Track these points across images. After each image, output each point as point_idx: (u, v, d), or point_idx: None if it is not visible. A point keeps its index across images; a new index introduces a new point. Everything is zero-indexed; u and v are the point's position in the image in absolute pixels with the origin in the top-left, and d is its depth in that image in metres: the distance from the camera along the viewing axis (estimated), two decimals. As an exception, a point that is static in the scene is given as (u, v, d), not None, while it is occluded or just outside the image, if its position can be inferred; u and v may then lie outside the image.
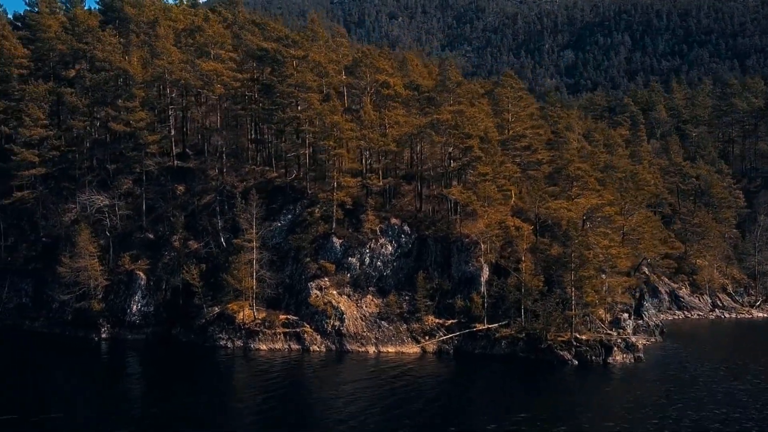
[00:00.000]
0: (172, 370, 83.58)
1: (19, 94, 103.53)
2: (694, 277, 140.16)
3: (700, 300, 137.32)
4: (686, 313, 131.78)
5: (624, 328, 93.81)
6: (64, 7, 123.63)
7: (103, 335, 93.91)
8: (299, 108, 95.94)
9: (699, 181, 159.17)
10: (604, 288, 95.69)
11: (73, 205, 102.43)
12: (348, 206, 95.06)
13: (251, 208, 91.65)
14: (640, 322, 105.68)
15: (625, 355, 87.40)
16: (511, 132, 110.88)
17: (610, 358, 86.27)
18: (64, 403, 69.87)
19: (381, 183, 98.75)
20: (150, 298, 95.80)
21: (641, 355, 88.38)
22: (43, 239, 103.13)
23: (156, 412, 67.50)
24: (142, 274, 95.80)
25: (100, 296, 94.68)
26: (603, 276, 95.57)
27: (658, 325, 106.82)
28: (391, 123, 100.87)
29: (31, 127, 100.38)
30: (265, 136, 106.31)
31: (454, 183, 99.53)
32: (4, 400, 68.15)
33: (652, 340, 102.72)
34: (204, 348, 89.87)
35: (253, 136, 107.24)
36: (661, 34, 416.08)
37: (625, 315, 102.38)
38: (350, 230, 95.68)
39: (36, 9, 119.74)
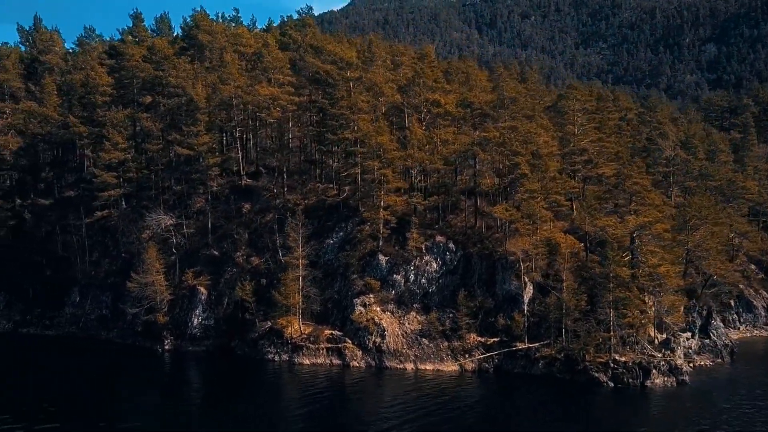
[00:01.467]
0: (219, 383, 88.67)
1: (102, 119, 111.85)
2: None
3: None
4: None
5: (673, 350, 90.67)
6: (152, 36, 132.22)
7: (167, 346, 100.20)
8: (349, 129, 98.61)
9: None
10: (659, 308, 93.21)
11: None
12: (392, 224, 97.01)
13: (298, 227, 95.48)
14: (707, 341, 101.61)
15: (666, 379, 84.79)
16: (574, 145, 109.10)
17: (648, 381, 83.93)
18: (120, 412, 75.72)
19: (427, 201, 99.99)
20: (210, 312, 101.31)
21: (686, 378, 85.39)
22: (123, 255, 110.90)
23: (197, 423, 72.77)
24: (203, 289, 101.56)
25: (165, 310, 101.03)
26: (659, 294, 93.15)
27: (727, 345, 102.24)
28: (442, 141, 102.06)
29: (110, 151, 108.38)
30: (324, 156, 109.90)
31: (505, 200, 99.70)
32: (77, 408, 75.65)
33: (719, 361, 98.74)
34: (255, 361, 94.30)
35: (314, 156, 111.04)
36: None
37: (687, 335, 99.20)
38: (396, 248, 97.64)
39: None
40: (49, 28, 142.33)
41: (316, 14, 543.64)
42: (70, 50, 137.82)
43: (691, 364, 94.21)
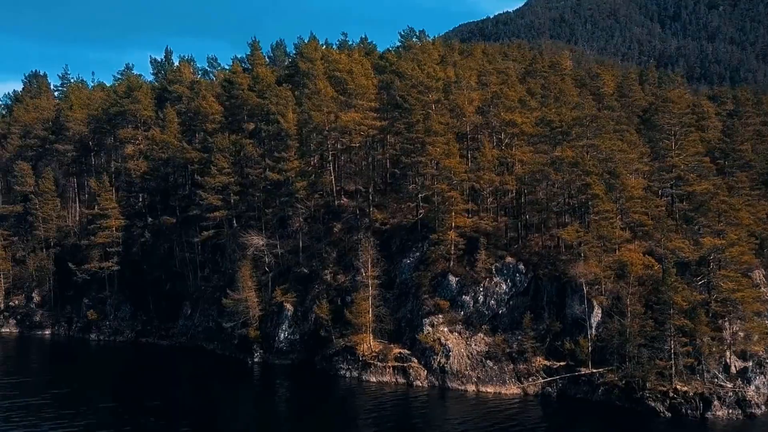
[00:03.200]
0: (288, 396, 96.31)
1: (210, 146, 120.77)
2: None
3: None
4: None
5: (750, 380, 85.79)
6: (268, 63, 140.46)
7: (256, 359, 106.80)
8: (423, 153, 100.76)
9: None
10: (747, 334, 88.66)
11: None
12: (461, 246, 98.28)
13: (367, 248, 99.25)
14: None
15: (730, 411, 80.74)
16: (663, 162, 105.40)
17: (709, 412, 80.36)
18: (214, 416, 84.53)
19: (496, 223, 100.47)
20: (296, 327, 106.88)
21: (755, 411, 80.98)
22: (229, 271, 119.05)
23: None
24: (289, 305, 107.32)
25: (256, 325, 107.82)
26: (738, 320, 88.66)
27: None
28: (518, 161, 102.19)
29: (216, 176, 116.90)
30: (401, 178, 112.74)
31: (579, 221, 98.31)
32: (177, 410, 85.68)
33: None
34: (329, 376, 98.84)
35: (398, 177, 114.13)
36: None
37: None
38: (467, 268, 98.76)
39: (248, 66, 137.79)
40: (185, 56, 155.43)
41: (491, 16, 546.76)
42: (199, 79, 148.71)
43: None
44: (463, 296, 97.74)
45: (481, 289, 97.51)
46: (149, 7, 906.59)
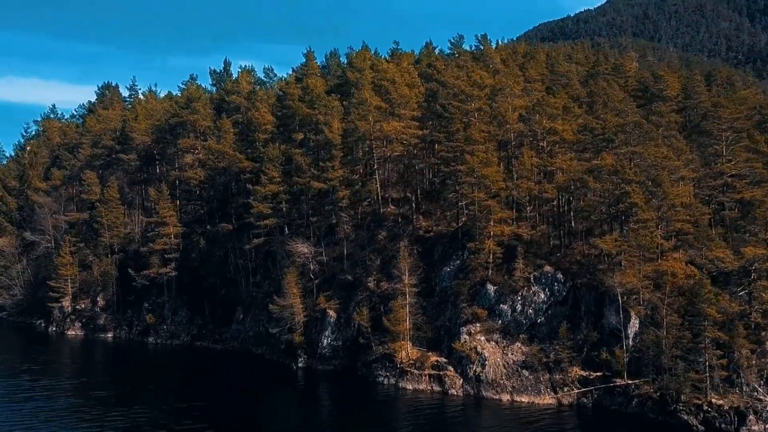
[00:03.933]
0: (328, 404, 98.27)
1: (261, 155, 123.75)
2: None
3: None
4: None
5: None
6: (323, 72, 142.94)
7: (300, 364, 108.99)
8: (462, 162, 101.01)
9: None
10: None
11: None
12: (498, 254, 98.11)
13: (405, 256, 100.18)
14: None
15: (767, 426, 78.55)
16: (710, 169, 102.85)
17: (744, 427, 78.30)
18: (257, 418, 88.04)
19: (534, 231, 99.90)
20: (339, 333, 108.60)
21: (795, 427, 78.57)
22: (279, 278, 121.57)
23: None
24: (332, 312, 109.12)
25: (301, 330, 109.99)
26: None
27: None
28: (557, 169, 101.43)
29: (266, 185, 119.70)
30: (442, 186, 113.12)
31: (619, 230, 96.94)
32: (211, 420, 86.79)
33: None
34: (368, 383, 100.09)
35: (440, 185, 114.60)
36: None
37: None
38: (505, 277, 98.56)
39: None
40: (245, 65, 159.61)
41: (572, 14, 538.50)
42: (257, 89, 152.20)
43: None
44: (501, 305, 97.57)
45: (519, 298, 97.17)
46: (238, 15, 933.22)
